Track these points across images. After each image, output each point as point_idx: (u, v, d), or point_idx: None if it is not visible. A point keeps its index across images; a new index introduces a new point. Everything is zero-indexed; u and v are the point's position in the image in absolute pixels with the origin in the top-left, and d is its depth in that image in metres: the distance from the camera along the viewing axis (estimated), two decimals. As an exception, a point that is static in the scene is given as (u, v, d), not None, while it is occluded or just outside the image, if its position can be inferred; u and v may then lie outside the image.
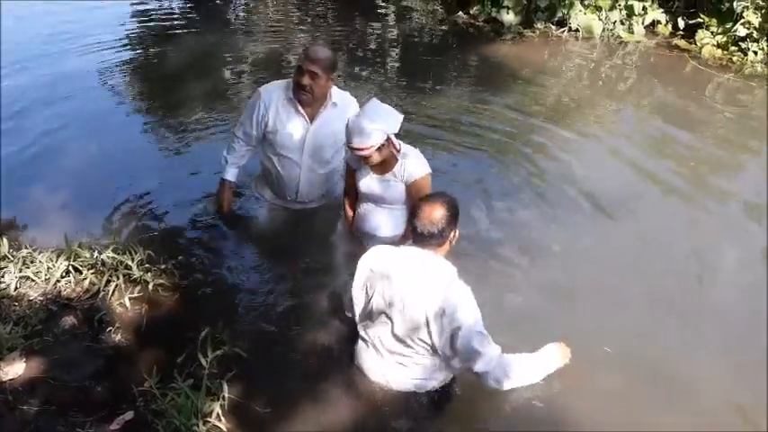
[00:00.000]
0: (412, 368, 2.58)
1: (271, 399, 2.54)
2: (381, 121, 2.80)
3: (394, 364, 2.60)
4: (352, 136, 2.81)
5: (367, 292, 2.60)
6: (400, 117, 2.89)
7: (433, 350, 2.50)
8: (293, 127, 3.34)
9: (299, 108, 3.30)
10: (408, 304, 2.46)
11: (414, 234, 2.51)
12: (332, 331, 2.94)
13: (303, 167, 3.45)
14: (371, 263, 2.58)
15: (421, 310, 2.44)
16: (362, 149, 2.80)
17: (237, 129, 3.50)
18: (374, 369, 2.65)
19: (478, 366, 2.47)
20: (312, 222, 3.65)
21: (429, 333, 2.46)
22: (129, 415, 2.41)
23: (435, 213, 2.45)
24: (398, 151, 2.96)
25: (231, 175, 3.56)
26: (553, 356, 2.70)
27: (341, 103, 3.36)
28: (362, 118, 2.80)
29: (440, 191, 2.68)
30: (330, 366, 2.75)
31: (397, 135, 2.94)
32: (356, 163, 3.12)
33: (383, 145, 2.84)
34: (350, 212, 3.36)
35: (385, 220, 3.18)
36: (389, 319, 2.52)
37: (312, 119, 3.33)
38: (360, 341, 2.71)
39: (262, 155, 3.57)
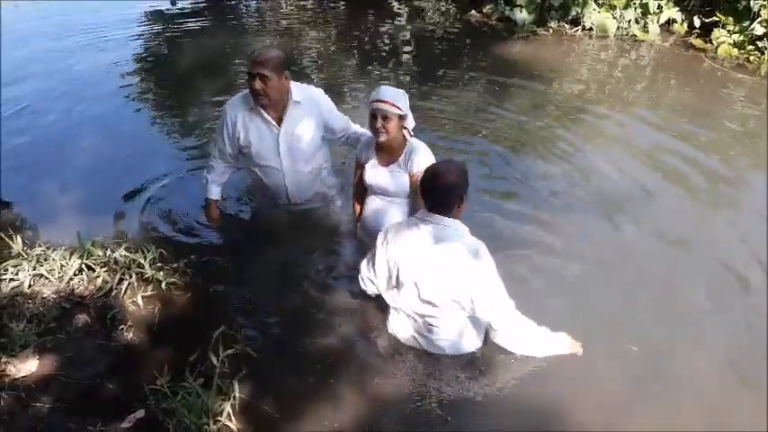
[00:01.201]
0: (443, 328, 2.70)
1: (281, 399, 2.55)
2: (407, 104, 2.95)
3: (426, 326, 2.72)
4: (381, 92, 2.89)
5: (389, 265, 2.71)
6: (413, 123, 3.05)
7: (461, 307, 2.60)
8: (263, 135, 3.26)
9: (265, 115, 3.21)
10: (430, 271, 2.57)
11: (424, 198, 2.59)
12: (343, 331, 2.94)
13: (286, 172, 3.38)
14: (389, 236, 2.70)
15: (442, 274, 2.55)
16: (387, 103, 2.86)
17: (212, 148, 3.45)
18: (408, 333, 2.80)
19: (495, 321, 2.62)
20: (319, 222, 3.64)
21: (453, 292, 2.56)
22: (141, 413, 2.42)
23: (444, 177, 2.54)
24: (411, 136, 3.05)
25: (215, 193, 3.53)
26: (563, 342, 2.78)
27: (303, 98, 3.26)
28: (396, 88, 2.96)
29: (449, 158, 2.67)
30: (341, 367, 2.74)
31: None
32: (365, 153, 3.17)
33: (401, 118, 2.92)
34: (357, 208, 3.39)
35: (394, 216, 3.17)
36: (415, 285, 2.62)
37: (279, 122, 3.25)
38: (391, 310, 2.82)
39: (246, 168, 3.52)
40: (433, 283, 2.58)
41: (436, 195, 2.56)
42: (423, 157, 3.01)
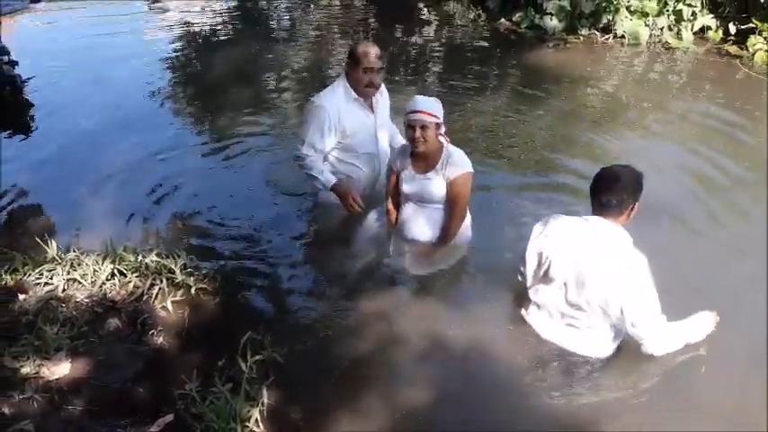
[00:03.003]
0: (584, 331, 2.67)
1: (309, 406, 2.53)
2: (441, 111, 3.01)
3: (566, 327, 2.71)
4: (417, 102, 2.94)
5: (540, 257, 2.68)
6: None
7: (606, 315, 2.56)
8: (363, 123, 3.41)
9: (363, 103, 3.37)
10: (584, 273, 2.53)
11: (593, 203, 2.56)
12: (372, 337, 2.92)
13: (380, 155, 3.52)
14: (547, 229, 2.67)
15: (597, 280, 2.51)
16: (424, 113, 2.90)
17: (306, 148, 3.32)
18: (547, 330, 2.78)
19: (645, 336, 2.55)
20: (357, 224, 3.62)
21: (603, 301, 2.53)
22: (170, 417, 2.42)
23: (619, 182, 2.49)
24: (448, 142, 3.05)
25: (333, 176, 3.37)
26: (705, 323, 2.71)
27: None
28: (431, 97, 3.01)
29: (625, 163, 2.65)
30: (369, 373, 2.72)
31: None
32: (400, 161, 3.18)
33: (438, 125, 2.95)
34: (392, 214, 3.38)
35: (429, 222, 3.19)
36: (564, 285, 2.60)
37: (372, 109, 3.42)
38: (531, 304, 2.82)
39: (335, 164, 3.46)
40: (585, 286, 2.54)
41: (607, 199, 2.49)
42: (457, 163, 3.01)
